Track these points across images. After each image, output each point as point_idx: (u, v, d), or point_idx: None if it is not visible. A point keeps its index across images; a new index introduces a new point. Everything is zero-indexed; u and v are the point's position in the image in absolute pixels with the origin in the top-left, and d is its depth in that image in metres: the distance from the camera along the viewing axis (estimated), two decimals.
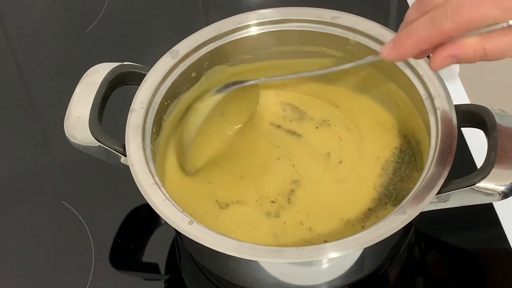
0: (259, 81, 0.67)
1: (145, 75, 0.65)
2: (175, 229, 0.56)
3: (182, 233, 0.55)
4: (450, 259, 0.69)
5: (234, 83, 0.65)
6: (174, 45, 0.67)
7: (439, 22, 0.46)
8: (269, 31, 0.69)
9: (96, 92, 0.64)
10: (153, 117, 0.64)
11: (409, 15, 0.50)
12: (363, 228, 0.62)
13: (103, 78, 0.65)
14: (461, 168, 0.60)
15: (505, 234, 0.68)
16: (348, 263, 0.60)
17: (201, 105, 0.65)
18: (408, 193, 0.57)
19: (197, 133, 0.65)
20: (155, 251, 0.70)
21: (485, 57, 0.47)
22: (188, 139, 0.65)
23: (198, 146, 0.66)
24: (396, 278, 0.68)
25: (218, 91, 0.65)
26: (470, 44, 0.47)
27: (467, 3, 0.45)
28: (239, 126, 0.70)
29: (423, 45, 0.48)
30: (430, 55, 0.50)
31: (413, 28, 0.48)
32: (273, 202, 0.65)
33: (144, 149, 0.61)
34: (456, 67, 0.85)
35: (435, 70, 0.50)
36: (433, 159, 0.57)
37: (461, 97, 0.79)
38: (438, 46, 0.48)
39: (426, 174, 0.57)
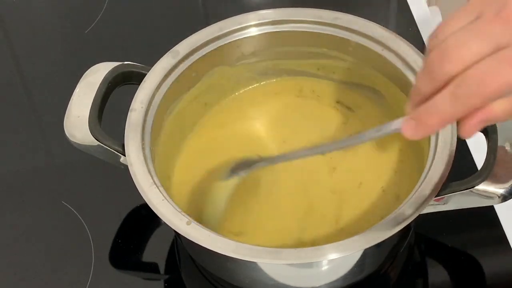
0: (266, 163, 0.64)
1: (145, 75, 0.65)
2: (173, 229, 0.56)
3: (180, 233, 0.55)
4: (450, 260, 0.69)
5: (244, 165, 0.64)
6: (174, 45, 0.67)
7: (463, 99, 0.43)
8: (270, 32, 0.69)
9: (96, 92, 0.64)
10: (153, 117, 0.64)
11: (420, 86, 0.46)
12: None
13: (103, 78, 0.65)
14: (462, 170, 0.60)
15: (505, 235, 0.68)
16: (348, 264, 0.60)
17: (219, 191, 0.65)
18: (407, 195, 0.57)
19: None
20: (155, 251, 0.70)
21: None
22: (214, 218, 0.64)
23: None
24: (396, 279, 0.68)
25: (230, 175, 0.64)
26: (498, 106, 0.44)
27: (489, 73, 0.42)
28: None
29: (449, 121, 0.45)
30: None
31: (435, 106, 0.44)
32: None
33: (143, 149, 0.61)
34: None
35: (466, 138, 0.47)
36: (432, 162, 0.57)
37: None
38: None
39: (425, 176, 0.57)
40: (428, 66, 0.45)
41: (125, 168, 0.60)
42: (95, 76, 0.65)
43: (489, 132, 0.58)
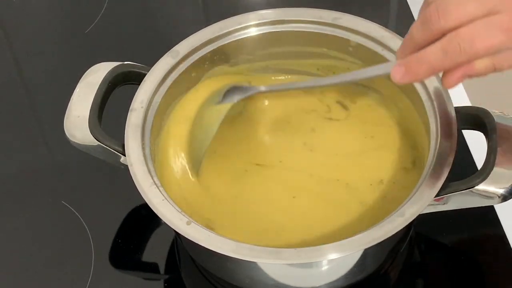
0: (260, 90, 0.68)
1: (145, 75, 0.65)
2: (173, 229, 0.56)
3: (180, 233, 0.55)
4: (450, 260, 0.69)
5: (236, 90, 0.66)
6: (174, 45, 0.67)
7: (452, 55, 0.48)
8: (270, 32, 0.69)
9: (96, 92, 0.64)
10: (152, 117, 0.64)
11: (415, 33, 0.50)
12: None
13: (103, 78, 0.65)
14: (462, 170, 0.60)
15: (505, 235, 0.68)
16: (348, 264, 0.60)
17: (209, 114, 0.66)
18: (407, 195, 0.57)
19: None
20: (155, 251, 0.70)
21: (494, 71, 0.50)
22: (202, 148, 0.65)
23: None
24: (397, 279, 0.68)
25: (222, 101, 0.66)
26: (482, 63, 0.49)
27: (479, 36, 0.47)
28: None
29: (436, 71, 0.50)
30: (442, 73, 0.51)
31: (425, 57, 0.49)
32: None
33: (143, 149, 0.61)
34: None
35: (449, 88, 0.52)
36: (432, 161, 0.57)
37: (461, 99, 0.78)
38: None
39: (426, 176, 0.57)
40: (425, 17, 0.49)
41: (125, 168, 0.60)
42: (95, 76, 0.65)
43: (489, 132, 0.58)
